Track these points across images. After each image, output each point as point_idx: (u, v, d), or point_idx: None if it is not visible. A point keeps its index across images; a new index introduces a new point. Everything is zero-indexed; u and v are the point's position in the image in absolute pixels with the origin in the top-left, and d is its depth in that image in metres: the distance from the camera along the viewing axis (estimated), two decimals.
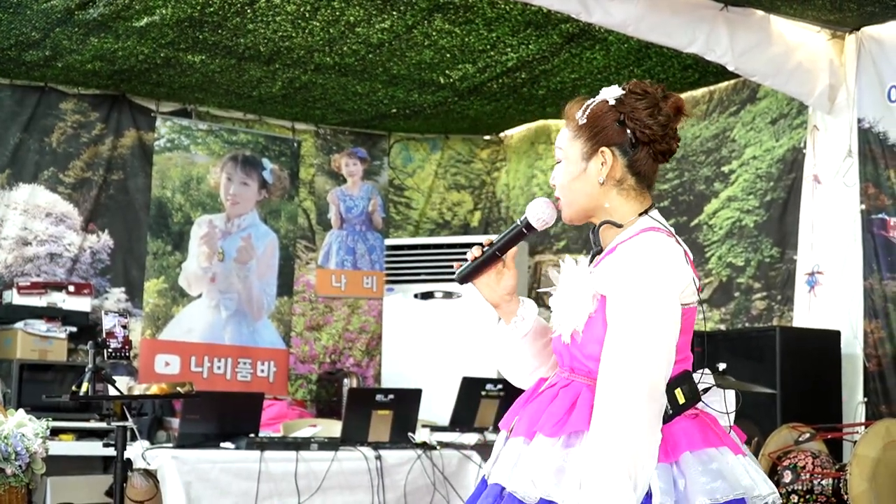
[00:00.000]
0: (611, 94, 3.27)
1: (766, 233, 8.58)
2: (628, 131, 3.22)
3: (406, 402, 7.82)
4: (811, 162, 8.22)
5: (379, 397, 7.79)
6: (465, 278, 3.36)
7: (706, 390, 3.25)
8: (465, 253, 9.82)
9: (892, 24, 7.61)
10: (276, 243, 10.04)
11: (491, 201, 11.17)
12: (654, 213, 3.27)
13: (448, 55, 8.42)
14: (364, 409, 7.70)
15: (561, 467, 3.05)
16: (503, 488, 3.14)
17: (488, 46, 8.21)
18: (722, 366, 6.79)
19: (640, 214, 3.25)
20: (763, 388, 7.02)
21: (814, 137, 8.20)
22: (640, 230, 3.18)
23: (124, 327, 6.25)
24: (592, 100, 3.28)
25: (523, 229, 3.33)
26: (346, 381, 9.84)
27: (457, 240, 10.10)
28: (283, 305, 10.06)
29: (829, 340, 7.70)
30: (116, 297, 9.37)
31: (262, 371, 9.74)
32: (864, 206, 7.77)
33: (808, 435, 6.85)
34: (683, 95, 9.17)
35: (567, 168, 3.28)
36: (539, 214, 3.33)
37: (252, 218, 9.94)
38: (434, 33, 7.97)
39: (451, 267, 9.75)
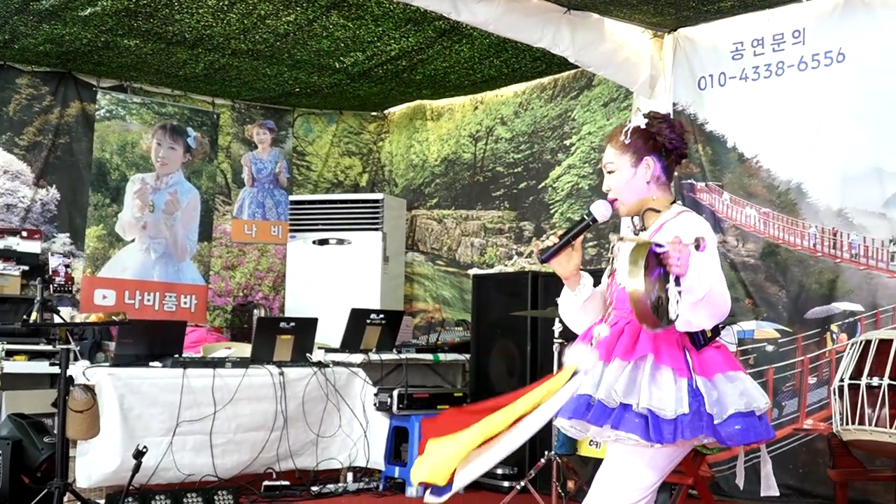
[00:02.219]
0: (640, 121, 3.74)
1: (598, 194, 8.62)
2: (660, 144, 3.69)
3: (305, 329, 7.79)
4: None
5: (283, 325, 7.75)
6: (548, 259, 3.59)
7: (724, 326, 3.70)
8: (354, 207, 9.66)
9: (702, 27, 7.69)
10: (198, 198, 9.88)
11: (376, 166, 11.14)
12: (679, 202, 3.79)
13: (342, 45, 8.35)
14: (270, 334, 7.66)
15: (634, 379, 3.42)
16: (591, 398, 3.46)
17: (375, 38, 8.16)
18: (559, 299, 6.81)
19: (672, 203, 3.72)
20: None
21: (637, 118, 8.26)
22: (679, 211, 3.67)
23: (68, 266, 6.15)
24: (629, 126, 3.73)
25: (589, 223, 3.60)
26: (255, 311, 9.80)
27: (348, 196, 10.04)
28: (203, 249, 9.92)
29: None
30: (62, 241, 9.21)
31: (186, 303, 9.62)
32: (676, 173, 7.85)
33: None
34: (533, 82, 9.24)
35: (620, 176, 3.70)
36: (603, 212, 3.63)
37: (178, 177, 9.77)
38: (331, 26, 7.90)
39: (342, 219, 9.68)
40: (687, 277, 3.26)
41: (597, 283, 3.84)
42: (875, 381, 5.26)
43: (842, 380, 5.45)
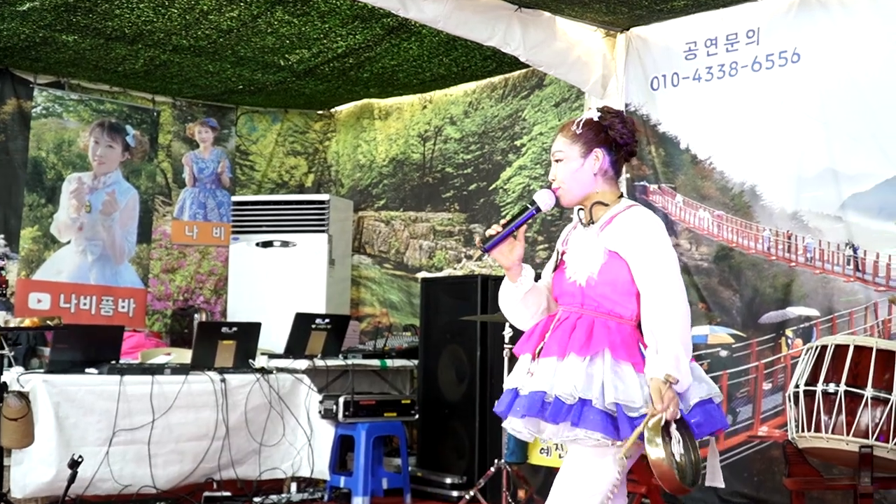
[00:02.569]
0: (593, 114, 3.85)
1: None
2: (610, 138, 3.79)
3: (247, 334, 7.72)
4: None
5: (224, 329, 7.68)
6: (491, 248, 3.68)
7: None
8: (299, 208, 9.59)
9: (655, 26, 7.70)
10: (137, 198, 9.79)
11: (322, 166, 11.08)
12: (626, 196, 3.88)
13: (287, 41, 8.28)
14: (211, 339, 7.58)
15: (591, 375, 3.51)
16: (545, 394, 3.56)
17: (321, 35, 8.10)
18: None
19: (619, 197, 3.83)
20: None
21: (591, 111, 8.26)
22: (629, 205, 3.78)
23: (2, 269, 6.05)
24: (581, 117, 3.83)
25: (534, 211, 3.73)
26: (196, 315, 9.72)
27: (293, 197, 9.98)
28: (142, 251, 9.83)
29: None
30: None
31: (123, 307, 9.52)
32: (629, 175, 7.85)
33: None
34: (483, 82, 9.24)
35: (568, 165, 3.78)
36: (547, 201, 3.75)
37: (116, 176, 9.68)
38: (276, 22, 7.83)
39: (287, 220, 9.61)
40: (682, 385, 3.49)
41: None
42: (831, 387, 5.27)
43: (797, 386, 5.45)
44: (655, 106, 7.73)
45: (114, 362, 7.11)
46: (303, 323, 8.15)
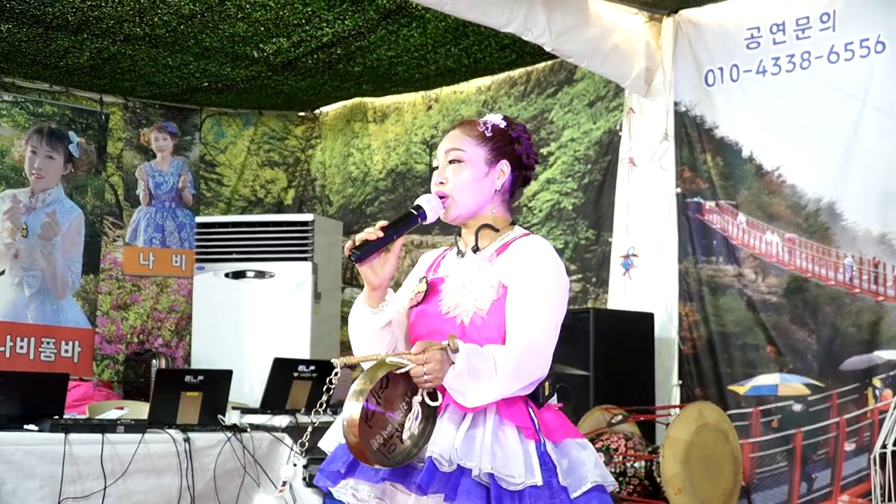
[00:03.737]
0: (498, 120, 3.70)
1: (583, 215, 8.65)
2: (517, 154, 3.67)
3: (216, 384, 7.71)
4: (626, 145, 8.31)
5: (188, 378, 7.67)
6: (364, 257, 3.50)
7: (559, 387, 3.68)
8: (278, 231, 9.59)
9: (710, 8, 7.72)
10: (82, 219, 9.83)
11: (305, 179, 11.10)
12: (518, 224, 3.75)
13: (262, 28, 8.31)
14: (173, 390, 7.57)
15: (471, 437, 3.35)
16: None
17: (303, 20, 8.13)
18: None
19: (512, 223, 3.70)
20: (576, 370, 7.07)
21: (629, 120, 8.30)
22: (522, 233, 3.65)
23: None
24: (486, 119, 3.69)
25: (418, 218, 3.54)
26: (154, 361, 9.72)
27: (270, 218, 10.02)
28: (88, 283, 9.85)
29: (643, 323, 7.79)
30: None
31: (67, 351, 9.54)
32: (679, 190, 7.87)
33: (620, 417, 6.92)
34: (500, 76, 9.27)
35: (470, 170, 3.62)
36: (435, 208, 3.58)
37: (57, 193, 9.71)
38: (248, 5, 7.86)
39: (263, 246, 9.57)
40: (458, 375, 3.25)
41: None
42: None
43: (884, 446, 5.45)
44: (711, 105, 7.75)
45: (57, 417, 7.10)
46: (283, 370, 8.14)
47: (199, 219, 10.25)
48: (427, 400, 3.27)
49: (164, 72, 9.52)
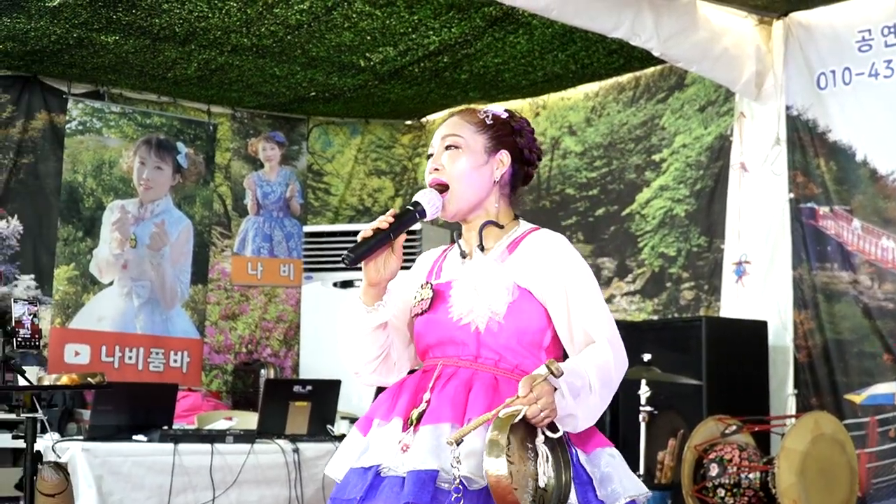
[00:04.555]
0: (500, 111, 3.55)
1: (695, 222, 8.63)
2: (518, 147, 3.52)
3: (324, 394, 7.79)
4: (738, 150, 8.29)
5: (297, 388, 7.76)
6: (359, 259, 3.33)
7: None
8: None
9: (821, 11, 7.69)
10: (191, 229, 9.99)
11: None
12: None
13: (368, 38, 8.42)
14: (281, 400, 7.67)
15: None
16: (437, 474, 3.13)
17: (410, 29, 8.22)
18: (647, 356, 6.87)
19: (515, 218, 3.55)
20: (689, 379, 7.09)
21: (741, 125, 8.28)
22: (531, 228, 3.51)
23: (34, 315, 6.19)
24: (488, 108, 3.55)
25: (416, 214, 3.35)
26: (262, 371, 9.84)
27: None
28: (197, 294, 10.02)
29: (756, 331, 7.77)
30: (26, 284, 9.31)
31: (176, 361, 9.71)
32: (792, 195, 7.84)
33: (734, 427, 6.92)
34: (608, 81, 9.26)
35: (469, 156, 3.46)
36: (433, 202, 3.41)
37: (166, 203, 9.88)
38: (354, 15, 7.96)
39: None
40: (564, 401, 3.09)
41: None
42: None
43: None
44: (824, 109, 7.71)
45: (166, 428, 7.23)
46: None
47: (307, 228, 10.35)
48: (549, 434, 3.10)
49: (271, 82, 9.65)
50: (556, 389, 3.07)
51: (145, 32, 8.33)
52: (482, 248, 3.48)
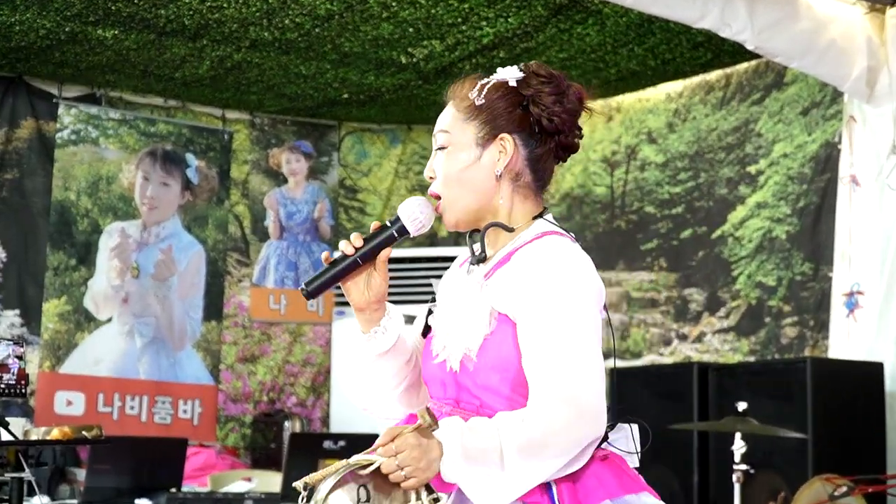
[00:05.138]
0: (510, 74, 3.34)
1: (798, 245, 8.61)
2: (532, 119, 3.31)
3: (360, 450, 7.80)
4: (847, 160, 8.27)
5: (327, 444, 7.80)
6: (316, 292, 3.28)
7: (612, 426, 3.32)
8: (432, 269, 9.52)
9: None
10: (203, 256, 10.06)
11: None
12: (550, 216, 3.37)
13: (411, 29, 8.47)
14: (309, 458, 7.69)
15: None
16: None
17: (459, 19, 8.26)
18: (742, 405, 6.87)
19: (535, 218, 3.34)
20: (791, 432, 7.08)
21: (850, 131, 8.27)
22: (539, 233, 3.28)
23: (19, 358, 6.23)
24: (489, 78, 3.35)
25: (395, 233, 3.29)
26: (286, 424, 9.87)
27: (422, 252, 10.08)
28: (210, 332, 10.08)
29: (870, 374, 7.73)
30: (9, 321, 9.39)
31: (185, 412, 9.77)
32: None
33: (845, 489, 6.90)
34: (694, 80, 9.25)
35: (455, 156, 3.34)
36: (416, 215, 3.31)
37: (173, 226, 9.96)
38: (394, 3, 8.01)
39: (417, 286, 9.61)
40: (450, 464, 2.99)
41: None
42: None
43: None
44: None
45: (174, 490, 7.29)
46: None
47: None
48: (425, 501, 3.03)
49: (296, 82, 9.73)
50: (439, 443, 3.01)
51: (149, 26, 8.40)
52: (480, 260, 3.34)
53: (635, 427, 3.42)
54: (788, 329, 8.60)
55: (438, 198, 3.35)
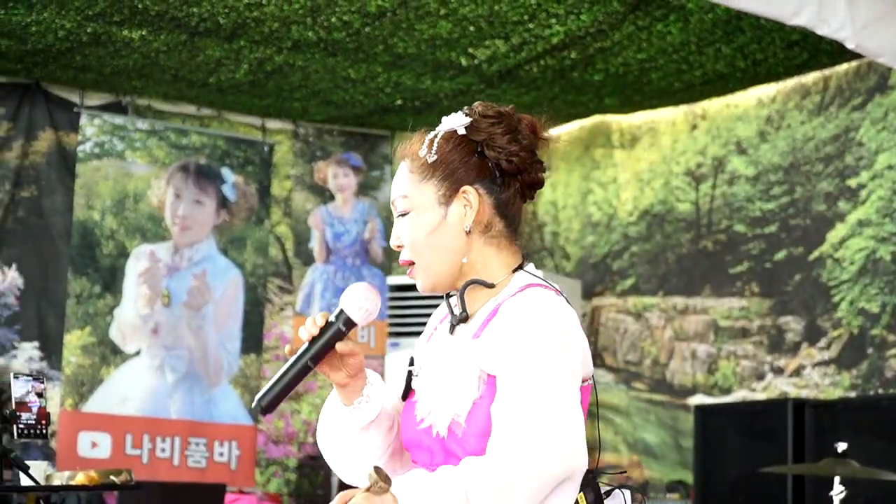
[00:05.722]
0: (457, 122, 3.53)
1: None
2: (490, 164, 3.48)
3: None
4: None
5: None
6: (272, 407, 3.39)
7: (608, 493, 3.43)
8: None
9: None
10: (241, 282, 10.18)
11: (531, 225, 11.24)
12: (531, 267, 3.51)
13: (472, 28, 8.54)
14: None
15: None
16: None
17: (526, 17, 8.33)
18: (842, 446, 6.90)
19: (514, 271, 3.48)
20: None
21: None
22: (520, 287, 3.41)
23: (40, 395, 6.29)
24: (435, 131, 3.54)
25: (341, 327, 3.41)
26: None
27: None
28: (249, 366, 10.20)
29: None
30: (28, 354, 9.51)
31: (222, 455, 9.90)
32: None
33: None
34: (789, 83, 9.27)
35: (419, 220, 3.46)
36: (360, 303, 3.43)
37: (208, 248, 10.08)
38: (453, 0, 8.08)
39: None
40: None
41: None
42: None
43: None
44: None
45: None
46: None
47: (392, 279, 10.44)
48: None
49: (344, 87, 9.83)
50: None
51: (181, 25, 8.50)
52: (462, 320, 3.45)
53: (627, 493, 3.50)
54: (894, 361, 8.60)
55: (411, 264, 3.49)
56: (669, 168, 10.27)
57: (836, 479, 6.87)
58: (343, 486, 8.35)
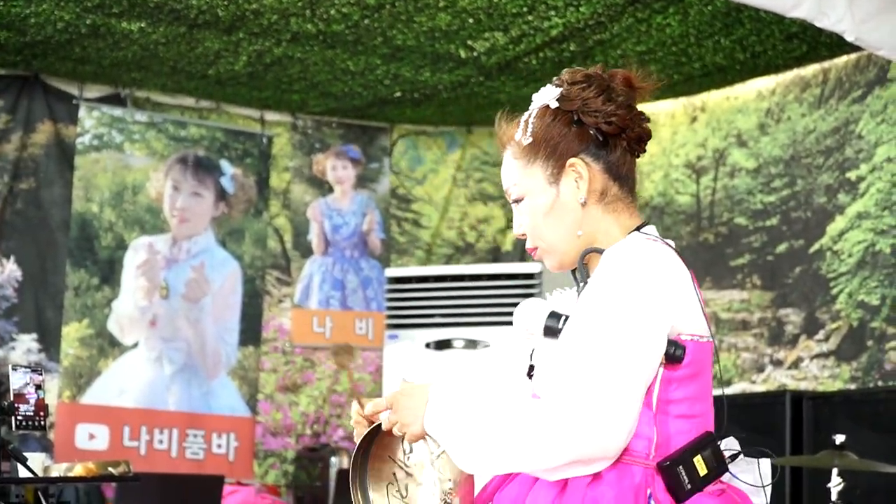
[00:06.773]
0: (547, 96, 3.52)
1: None
2: (591, 130, 3.44)
3: None
4: None
5: None
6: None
7: (733, 457, 3.39)
8: (494, 287, 9.41)
9: None
10: (239, 275, 10.22)
11: None
12: (650, 228, 3.46)
13: (471, 20, 8.56)
14: None
15: None
16: None
17: (525, 9, 8.35)
18: (840, 438, 6.92)
19: (635, 229, 3.42)
20: (895, 468, 7.13)
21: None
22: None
23: (38, 387, 6.30)
24: (527, 112, 3.53)
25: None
26: (333, 459, 9.93)
27: (484, 269, 10.02)
28: (247, 358, 10.22)
29: None
30: (26, 346, 9.54)
31: (220, 446, 9.94)
32: None
33: None
34: (788, 75, 9.28)
35: (534, 203, 3.45)
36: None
37: (206, 240, 10.12)
38: None
39: (475, 306, 9.58)
40: (433, 419, 3.20)
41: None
42: None
43: None
44: None
45: None
46: None
47: (391, 271, 10.31)
48: (400, 457, 3.36)
49: (343, 80, 9.84)
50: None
51: (180, 17, 8.53)
52: (588, 279, 3.36)
53: (765, 461, 3.48)
54: (893, 354, 8.61)
55: (534, 249, 3.48)
56: (669, 160, 10.30)
57: (834, 471, 6.89)
58: (342, 477, 8.32)
